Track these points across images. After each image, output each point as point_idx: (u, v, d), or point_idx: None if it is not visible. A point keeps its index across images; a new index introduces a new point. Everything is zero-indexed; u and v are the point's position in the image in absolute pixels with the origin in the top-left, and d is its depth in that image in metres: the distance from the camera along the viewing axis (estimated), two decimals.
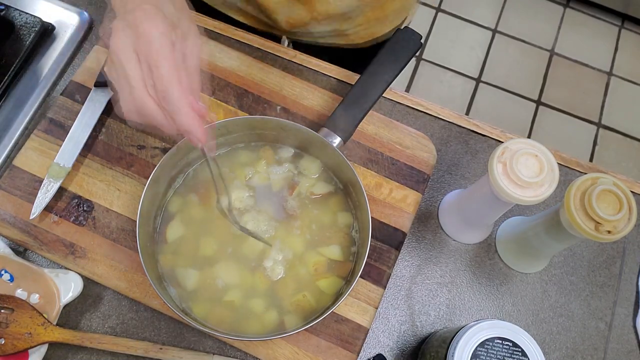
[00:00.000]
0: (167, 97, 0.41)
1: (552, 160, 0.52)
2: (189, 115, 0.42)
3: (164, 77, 0.40)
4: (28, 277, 0.58)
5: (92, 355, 0.59)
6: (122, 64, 0.41)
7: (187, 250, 0.59)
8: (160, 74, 0.40)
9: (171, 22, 0.42)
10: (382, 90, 0.64)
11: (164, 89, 0.41)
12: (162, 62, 0.40)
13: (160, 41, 0.40)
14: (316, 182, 0.63)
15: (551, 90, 1.93)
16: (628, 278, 0.67)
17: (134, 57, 0.41)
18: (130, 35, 0.41)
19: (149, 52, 0.40)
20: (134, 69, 0.41)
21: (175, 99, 0.41)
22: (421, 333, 0.63)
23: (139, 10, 0.41)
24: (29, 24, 0.71)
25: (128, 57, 0.41)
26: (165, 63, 0.40)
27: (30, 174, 0.64)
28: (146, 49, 0.40)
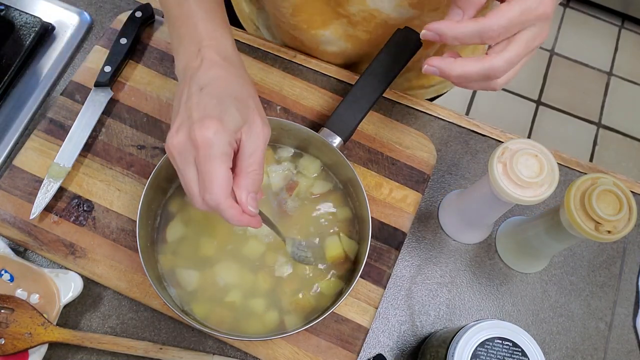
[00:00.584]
0: (218, 209, 0.45)
1: (552, 160, 0.52)
2: (239, 221, 0.45)
3: (214, 194, 0.44)
4: (28, 277, 0.58)
5: (92, 355, 0.59)
6: (180, 169, 0.45)
7: (187, 250, 0.59)
8: (211, 191, 0.44)
9: (234, 130, 0.45)
10: (382, 90, 0.64)
11: (214, 204, 0.44)
12: (213, 179, 0.43)
13: (217, 157, 0.43)
14: (315, 181, 0.63)
15: (551, 90, 1.93)
16: (628, 278, 0.67)
17: (192, 167, 0.45)
18: (190, 148, 0.44)
19: (202, 168, 0.44)
20: (192, 178, 0.45)
21: (225, 212, 0.44)
22: (421, 333, 0.63)
23: (201, 126, 0.43)
24: (29, 24, 0.71)
25: (186, 164, 0.45)
26: (215, 180, 0.43)
27: (30, 174, 0.64)
28: (202, 164, 0.44)
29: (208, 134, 0.43)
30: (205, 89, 0.47)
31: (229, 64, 0.49)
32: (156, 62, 0.71)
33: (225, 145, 0.44)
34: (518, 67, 0.46)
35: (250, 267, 0.59)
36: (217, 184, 0.43)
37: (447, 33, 0.45)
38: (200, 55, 0.49)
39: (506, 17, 0.43)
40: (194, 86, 0.47)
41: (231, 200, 0.45)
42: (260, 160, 0.46)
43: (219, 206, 0.44)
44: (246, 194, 0.45)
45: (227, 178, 0.44)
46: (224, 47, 0.51)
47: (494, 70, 0.45)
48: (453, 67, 0.45)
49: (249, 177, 0.46)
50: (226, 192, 0.44)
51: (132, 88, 0.69)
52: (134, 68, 0.70)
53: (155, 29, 0.73)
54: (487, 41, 0.44)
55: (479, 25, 0.43)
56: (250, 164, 0.46)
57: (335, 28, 0.68)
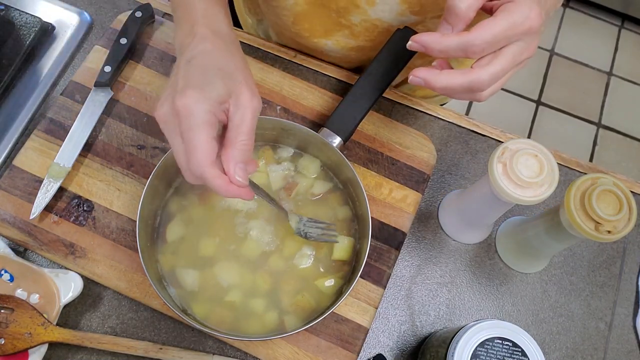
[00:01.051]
0: (204, 179, 0.44)
1: (552, 160, 0.52)
2: (227, 191, 0.45)
3: (197, 162, 0.44)
4: (28, 277, 0.58)
5: (92, 355, 0.59)
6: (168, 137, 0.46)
7: (187, 250, 0.59)
8: (194, 159, 0.44)
9: (217, 100, 0.45)
10: (382, 90, 0.64)
11: (199, 174, 0.44)
12: (197, 148, 0.44)
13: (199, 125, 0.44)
14: (315, 181, 0.63)
15: (551, 90, 1.93)
16: (628, 278, 0.67)
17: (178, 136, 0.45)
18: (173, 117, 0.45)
19: (186, 136, 0.44)
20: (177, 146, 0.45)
21: (210, 181, 0.44)
22: (421, 333, 0.63)
23: (182, 96, 0.44)
24: (29, 24, 0.71)
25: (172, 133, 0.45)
26: (198, 148, 0.44)
27: (30, 174, 0.64)
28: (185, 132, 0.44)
29: (188, 102, 0.44)
30: (192, 61, 0.47)
31: (220, 39, 0.50)
32: (156, 62, 0.71)
33: (205, 113, 0.44)
34: (504, 79, 0.47)
35: (250, 267, 0.59)
36: (199, 150, 0.43)
37: (431, 46, 0.45)
38: (192, 31, 0.49)
39: (490, 32, 0.43)
40: (182, 61, 0.48)
41: (216, 169, 0.44)
42: (248, 131, 0.46)
43: (203, 175, 0.44)
44: (234, 165, 0.45)
45: (209, 146, 0.44)
46: (216, 23, 0.51)
47: (478, 84, 0.45)
48: (438, 79, 0.46)
49: (236, 147, 0.45)
50: (209, 160, 0.44)
51: (132, 88, 0.69)
52: (134, 68, 0.70)
53: (155, 29, 0.73)
54: (471, 55, 0.45)
55: (463, 39, 0.44)
56: (238, 134, 0.46)
57: (337, 39, 0.69)
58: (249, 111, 0.46)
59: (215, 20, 0.51)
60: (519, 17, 0.43)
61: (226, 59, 0.49)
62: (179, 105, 0.44)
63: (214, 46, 0.49)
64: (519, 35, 0.44)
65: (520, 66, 0.47)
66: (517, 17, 0.43)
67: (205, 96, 0.44)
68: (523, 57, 0.46)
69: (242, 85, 0.47)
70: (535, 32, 0.45)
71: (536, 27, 0.44)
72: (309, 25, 0.68)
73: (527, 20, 0.43)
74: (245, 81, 0.48)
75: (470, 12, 0.45)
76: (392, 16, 0.63)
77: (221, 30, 0.51)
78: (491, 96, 0.48)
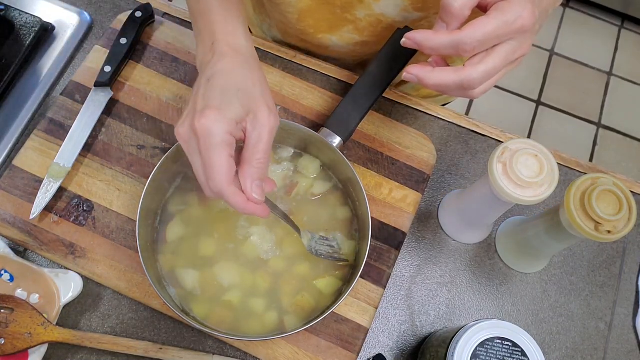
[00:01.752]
0: (223, 196, 0.46)
1: (552, 160, 0.52)
2: (245, 208, 0.46)
3: (216, 181, 0.45)
4: (28, 277, 0.58)
5: (92, 355, 0.59)
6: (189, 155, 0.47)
7: (187, 250, 0.59)
8: (213, 178, 0.45)
9: (235, 120, 0.46)
10: (382, 90, 0.64)
11: (217, 191, 0.46)
12: (214, 168, 0.45)
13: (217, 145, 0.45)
14: (315, 181, 0.63)
15: (551, 90, 1.93)
16: (628, 278, 0.67)
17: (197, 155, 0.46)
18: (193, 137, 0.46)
19: (204, 157, 0.45)
20: (197, 165, 0.47)
21: (229, 199, 0.46)
22: (421, 333, 0.63)
23: (201, 116, 0.45)
24: (29, 24, 0.71)
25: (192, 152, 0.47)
26: (216, 168, 0.45)
27: (30, 174, 0.64)
28: (204, 152, 0.45)
29: (207, 122, 0.45)
30: (211, 80, 0.48)
31: (239, 55, 0.51)
32: (156, 62, 0.71)
33: (223, 133, 0.45)
34: (497, 77, 0.47)
35: (250, 267, 0.59)
36: (217, 171, 0.45)
37: (423, 43, 0.46)
38: (212, 49, 0.51)
39: (481, 31, 0.43)
40: (203, 78, 0.49)
41: (234, 187, 0.46)
42: (265, 149, 0.47)
43: (222, 193, 0.45)
44: (250, 182, 0.46)
45: (228, 165, 0.45)
46: (235, 39, 0.52)
47: (470, 82, 0.45)
48: (430, 77, 0.46)
49: (252, 165, 0.47)
50: (227, 179, 0.45)
51: (132, 88, 0.69)
52: (134, 68, 0.70)
53: (155, 29, 0.73)
54: (462, 54, 0.45)
55: (454, 38, 0.44)
56: (255, 152, 0.47)
57: (342, 35, 0.69)
58: (266, 130, 0.47)
59: (234, 36, 0.52)
60: (511, 16, 0.43)
61: (245, 77, 0.49)
62: (198, 126, 0.45)
63: (233, 64, 0.50)
64: (512, 34, 0.44)
65: (514, 64, 0.47)
66: (509, 16, 0.43)
67: (224, 116, 0.45)
68: (516, 56, 0.46)
69: (260, 104, 0.48)
70: (528, 31, 0.45)
71: (528, 26, 0.44)
72: (313, 22, 0.68)
73: (519, 19, 0.43)
74: (263, 99, 0.49)
75: (465, 11, 0.45)
76: (395, 12, 0.63)
77: (240, 46, 0.52)
78: (485, 93, 0.48)
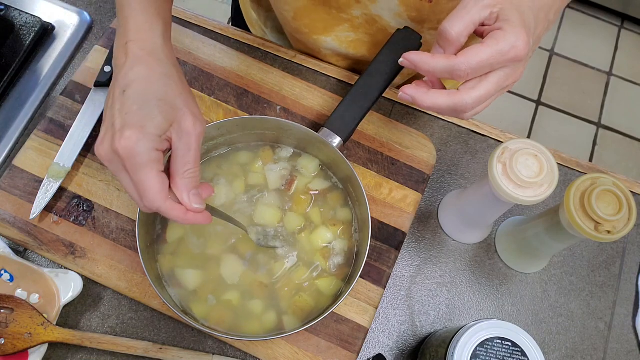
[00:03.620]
0: (161, 212, 0.45)
1: (552, 161, 0.52)
2: (185, 219, 0.46)
3: (151, 200, 0.44)
4: (28, 277, 0.58)
5: (92, 355, 0.59)
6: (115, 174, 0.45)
7: (187, 250, 0.59)
8: (147, 197, 0.44)
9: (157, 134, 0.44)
10: (382, 90, 0.64)
11: (154, 209, 0.45)
12: (146, 186, 0.44)
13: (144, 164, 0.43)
14: (313, 179, 0.63)
15: (551, 90, 1.93)
16: (628, 278, 0.67)
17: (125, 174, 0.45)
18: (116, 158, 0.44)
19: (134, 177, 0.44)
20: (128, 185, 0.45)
21: (168, 213, 0.45)
22: (421, 333, 0.63)
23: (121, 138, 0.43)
24: (29, 24, 0.71)
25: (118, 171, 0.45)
26: (148, 187, 0.44)
27: (30, 174, 0.64)
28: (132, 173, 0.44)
29: (129, 144, 0.43)
30: (127, 91, 0.45)
31: (154, 61, 0.48)
32: None
33: (149, 151, 0.43)
34: (488, 103, 0.48)
35: (249, 267, 0.59)
36: (150, 191, 0.44)
37: (419, 65, 0.46)
38: (124, 50, 0.47)
39: (476, 59, 0.44)
40: (117, 89, 0.46)
41: (171, 202, 0.45)
42: (195, 158, 0.46)
43: (159, 210, 0.44)
44: (187, 194, 0.45)
45: (160, 183, 0.44)
46: (151, 41, 0.48)
47: (463, 106, 0.46)
48: (424, 99, 0.47)
49: (185, 177, 0.45)
50: (162, 196, 0.44)
51: None
52: None
53: None
54: (456, 79, 0.46)
55: (449, 63, 0.45)
56: (185, 164, 0.45)
57: (337, 35, 0.69)
58: (193, 139, 0.46)
59: (151, 36, 0.49)
60: (505, 46, 0.44)
61: (164, 85, 0.47)
62: (120, 148, 0.43)
63: (149, 71, 0.47)
64: (505, 63, 0.45)
65: (505, 90, 0.48)
66: (504, 45, 0.44)
67: (146, 134, 0.43)
68: (508, 83, 0.47)
69: (183, 112, 0.46)
70: (521, 61, 0.45)
71: (522, 56, 0.44)
72: (309, 21, 0.68)
73: (512, 50, 0.44)
74: (186, 106, 0.46)
75: (461, 38, 0.46)
76: (390, 16, 0.63)
77: (156, 49, 0.48)
78: (475, 115, 0.49)
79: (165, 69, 0.48)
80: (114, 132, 0.44)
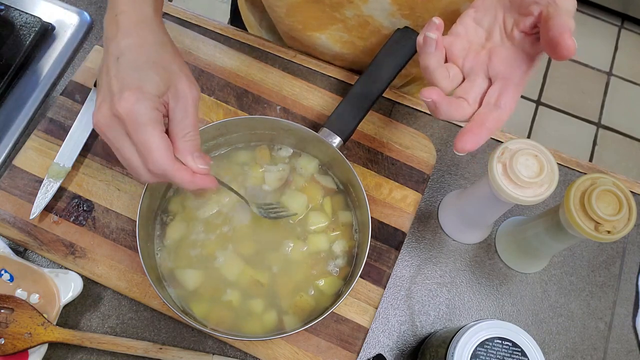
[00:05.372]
0: (167, 176, 0.44)
1: (551, 160, 0.52)
2: (192, 183, 0.45)
3: (157, 161, 0.43)
4: (28, 277, 0.58)
5: (92, 355, 0.59)
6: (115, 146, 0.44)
7: (187, 250, 0.59)
8: (153, 159, 0.43)
9: (156, 95, 0.44)
10: (382, 90, 0.64)
11: (161, 172, 0.44)
12: (152, 147, 0.43)
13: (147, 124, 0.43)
14: (312, 180, 0.63)
15: (551, 90, 1.93)
16: (628, 278, 0.67)
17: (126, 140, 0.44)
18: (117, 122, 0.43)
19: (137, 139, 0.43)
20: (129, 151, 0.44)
21: (174, 176, 0.44)
22: (421, 333, 0.63)
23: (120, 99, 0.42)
24: (29, 24, 0.71)
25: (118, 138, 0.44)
26: (154, 148, 0.43)
27: (30, 174, 0.64)
28: (134, 135, 0.43)
29: (129, 105, 0.42)
30: (121, 58, 0.45)
31: (147, 30, 0.47)
32: None
33: (150, 111, 0.43)
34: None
35: (249, 267, 0.59)
36: (156, 151, 0.43)
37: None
38: (115, 22, 0.47)
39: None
40: (111, 57, 0.45)
41: (178, 162, 0.44)
42: (193, 123, 0.46)
43: (166, 171, 0.43)
44: (191, 156, 0.45)
45: (165, 142, 0.43)
46: (140, 11, 0.48)
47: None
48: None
49: (186, 140, 0.45)
50: (168, 156, 0.43)
51: None
52: None
53: None
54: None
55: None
56: (184, 128, 0.45)
57: (331, 33, 0.68)
58: (190, 102, 0.46)
59: (141, 6, 0.48)
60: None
61: (158, 50, 0.47)
62: (121, 110, 0.42)
63: (142, 39, 0.46)
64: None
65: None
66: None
67: (145, 94, 0.43)
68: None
69: (179, 76, 0.46)
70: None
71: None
72: (302, 18, 0.67)
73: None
74: (182, 71, 0.47)
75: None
76: (383, 15, 0.63)
77: (146, 19, 0.48)
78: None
79: (158, 37, 0.48)
80: (112, 96, 0.43)
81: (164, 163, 0.43)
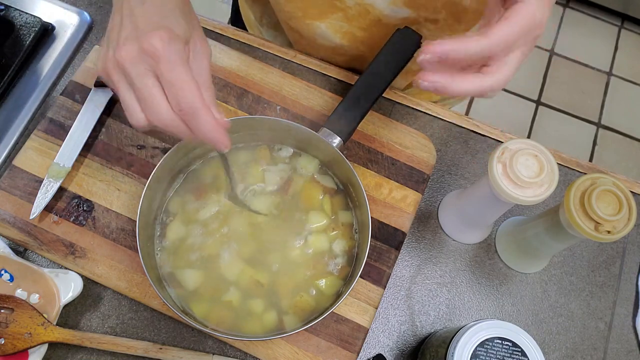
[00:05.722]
0: (195, 115, 0.43)
1: (551, 160, 0.52)
2: (216, 130, 0.44)
3: (188, 98, 0.42)
4: (28, 277, 0.58)
5: (92, 355, 0.59)
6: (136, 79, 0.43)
7: (187, 250, 0.59)
8: (184, 95, 0.42)
9: (184, 40, 0.44)
10: (382, 90, 0.64)
11: (191, 110, 0.43)
12: (185, 85, 0.42)
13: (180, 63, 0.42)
14: (312, 179, 0.63)
15: (551, 90, 1.93)
16: (628, 278, 0.67)
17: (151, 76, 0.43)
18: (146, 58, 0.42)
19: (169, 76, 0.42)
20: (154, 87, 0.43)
21: (202, 117, 0.43)
22: (421, 333, 0.63)
23: (153, 36, 0.42)
24: (29, 24, 0.71)
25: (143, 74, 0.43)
26: (187, 85, 0.42)
27: (30, 174, 0.64)
28: (167, 72, 0.42)
29: (164, 42, 0.42)
30: (147, 2, 0.45)
31: None
32: None
33: (182, 51, 0.43)
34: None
35: (249, 267, 0.59)
36: (188, 87, 0.42)
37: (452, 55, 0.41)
38: None
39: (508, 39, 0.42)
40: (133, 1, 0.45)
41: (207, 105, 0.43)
42: (209, 79, 0.46)
43: (196, 110, 0.42)
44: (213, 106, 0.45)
45: (196, 81, 0.43)
46: None
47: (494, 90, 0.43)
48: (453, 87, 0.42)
49: (205, 90, 0.45)
50: (200, 94, 0.43)
51: None
52: None
53: None
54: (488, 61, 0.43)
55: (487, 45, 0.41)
56: (202, 81, 0.45)
57: (331, 22, 0.68)
58: (205, 58, 0.46)
59: None
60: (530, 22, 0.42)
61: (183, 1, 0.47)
62: (156, 46, 0.41)
63: None
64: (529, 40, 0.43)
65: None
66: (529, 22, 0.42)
67: (177, 35, 0.43)
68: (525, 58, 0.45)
69: (198, 30, 0.47)
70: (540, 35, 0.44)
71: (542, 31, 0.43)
72: (302, 4, 0.67)
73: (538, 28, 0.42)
74: (199, 27, 0.47)
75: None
76: (384, 4, 0.63)
77: None
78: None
79: None
80: (141, 34, 0.43)
81: (196, 100, 0.42)
